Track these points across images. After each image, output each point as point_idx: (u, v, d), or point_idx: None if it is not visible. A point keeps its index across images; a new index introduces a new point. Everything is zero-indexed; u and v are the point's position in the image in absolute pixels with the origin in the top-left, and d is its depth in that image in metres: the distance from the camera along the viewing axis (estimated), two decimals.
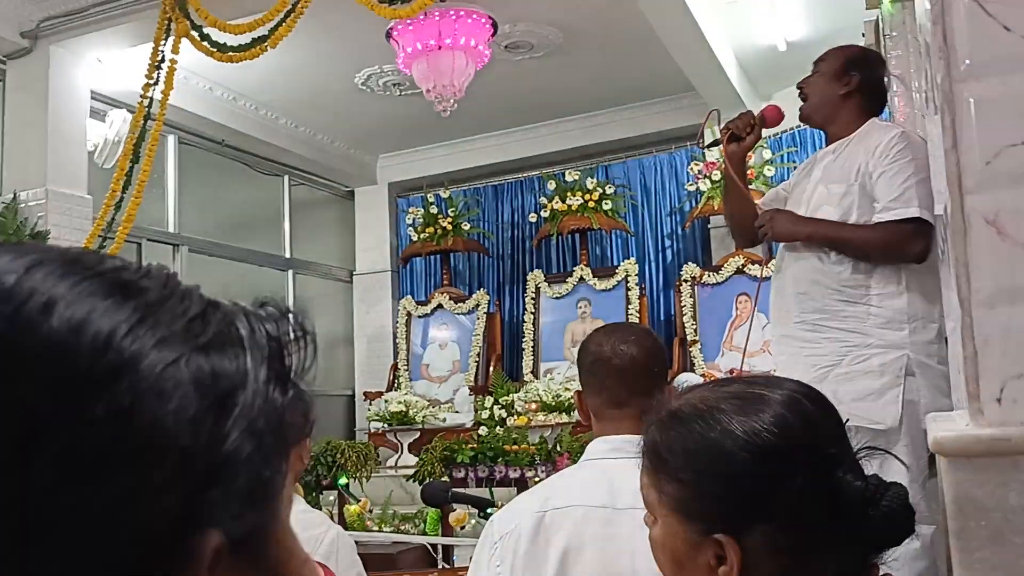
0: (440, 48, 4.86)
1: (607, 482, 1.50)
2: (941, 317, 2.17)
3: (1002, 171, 0.78)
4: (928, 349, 2.18)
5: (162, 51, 4.35)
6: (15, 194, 4.59)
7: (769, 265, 2.54)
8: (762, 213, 2.43)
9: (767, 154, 5.68)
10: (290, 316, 0.44)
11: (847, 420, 0.88)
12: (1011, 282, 0.77)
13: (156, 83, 4.39)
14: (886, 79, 2.61)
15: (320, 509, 4.24)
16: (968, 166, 0.79)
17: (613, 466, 1.52)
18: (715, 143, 2.54)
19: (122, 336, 0.35)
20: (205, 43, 4.28)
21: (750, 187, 5.49)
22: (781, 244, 2.44)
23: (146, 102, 4.41)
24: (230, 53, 4.24)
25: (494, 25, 4.96)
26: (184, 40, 4.30)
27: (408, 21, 4.63)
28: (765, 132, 2.74)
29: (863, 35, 3.78)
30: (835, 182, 2.34)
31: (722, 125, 2.52)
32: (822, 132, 2.55)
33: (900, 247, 2.21)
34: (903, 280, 2.23)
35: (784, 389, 0.87)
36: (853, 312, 2.24)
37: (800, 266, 2.35)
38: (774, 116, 2.53)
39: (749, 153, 2.87)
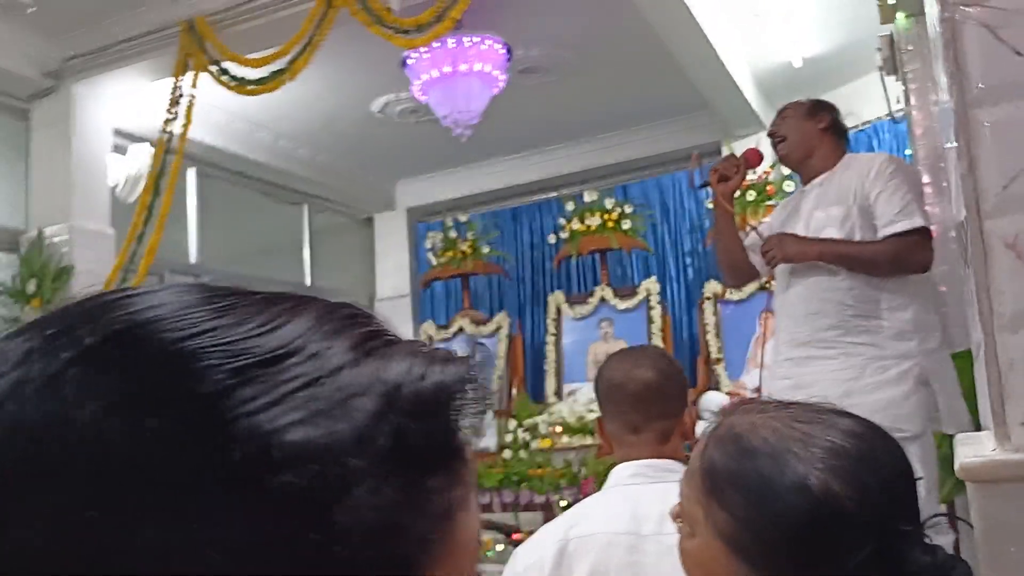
0: (455, 75, 4.90)
1: (630, 508, 1.49)
2: (942, 326, 2.32)
3: (1020, 194, 0.78)
4: (936, 356, 2.30)
5: (181, 86, 4.42)
6: (40, 231, 4.67)
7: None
8: (768, 238, 2.51)
9: (785, 170, 5.65)
10: (476, 384, 0.37)
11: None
12: None
13: (176, 118, 4.46)
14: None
15: None
16: (985, 190, 0.78)
17: (636, 492, 1.52)
18: (705, 184, 2.65)
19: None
20: (224, 77, 4.35)
21: (768, 201, 5.50)
22: (780, 271, 2.50)
23: (166, 136, 4.48)
24: (249, 87, 4.30)
25: (508, 50, 5.00)
26: (203, 74, 4.37)
27: (423, 49, 4.68)
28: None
29: (879, 49, 3.77)
30: (833, 205, 2.45)
31: (707, 168, 2.65)
32: (798, 175, 2.68)
33: (908, 258, 2.33)
34: (909, 293, 2.34)
35: (865, 441, 0.81)
36: (867, 326, 2.33)
37: (808, 285, 2.43)
38: (756, 158, 2.70)
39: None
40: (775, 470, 0.80)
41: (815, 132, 2.55)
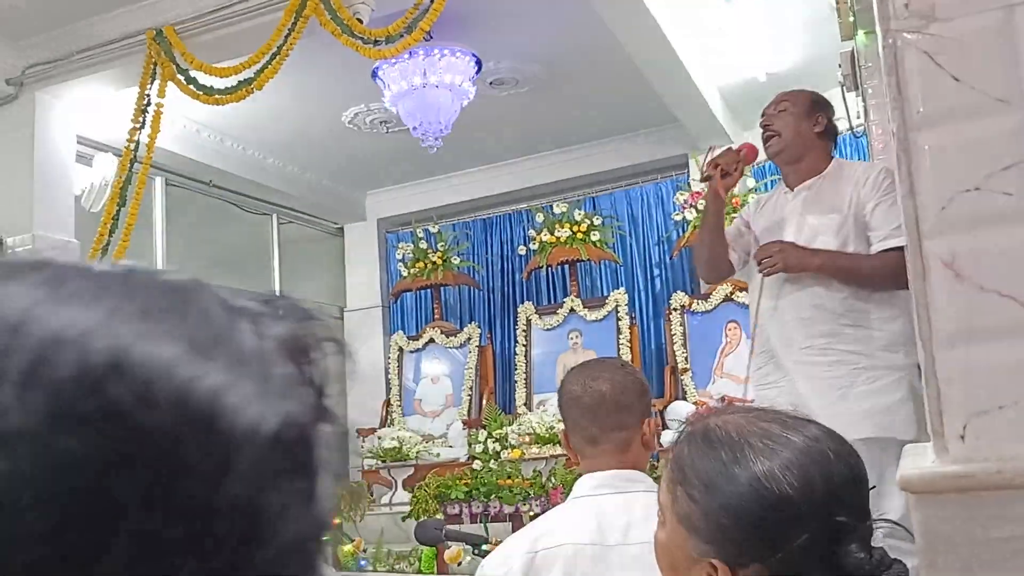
0: (425, 86, 4.92)
1: (595, 519, 1.51)
2: None
3: (957, 216, 0.81)
4: (916, 372, 2.28)
5: (148, 95, 4.38)
6: (2, 240, 4.59)
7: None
8: (767, 245, 2.44)
9: (751, 182, 5.74)
10: (315, 322, 0.37)
11: (866, 437, 0.90)
12: (969, 323, 0.80)
13: (142, 127, 4.42)
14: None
15: None
16: (924, 211, 0.82)
17: (601, 502, 1.53)
18: (708, 178, 2.60)
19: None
20: (191, 86, 4.32)
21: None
22: (769, 279, 2.46)
23: (132, 146, 4.43)
24: (216, 96, 4.28)
25: (478, 62, 5.03)
26: (170, 83, 4.34)
27: (393, 60, 4.69)
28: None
29: (839, 65, 3.85)
30: (829, 212, 2.42)
31: (708, 159, 2.60)
32: (779, 169, 2.65)
33: (904, 274, 2.29)
34: (898, 305, 2.32)
35: (818, 442, 0.87)
36: (858, 335, 2.32)
37: (802, 294, 2.40)
38: (753, 153, 2.65)
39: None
40: (729, 457, 0.87)
41: (810, 135, 2.50)
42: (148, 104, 4.39)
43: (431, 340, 6.90)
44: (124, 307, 0.31)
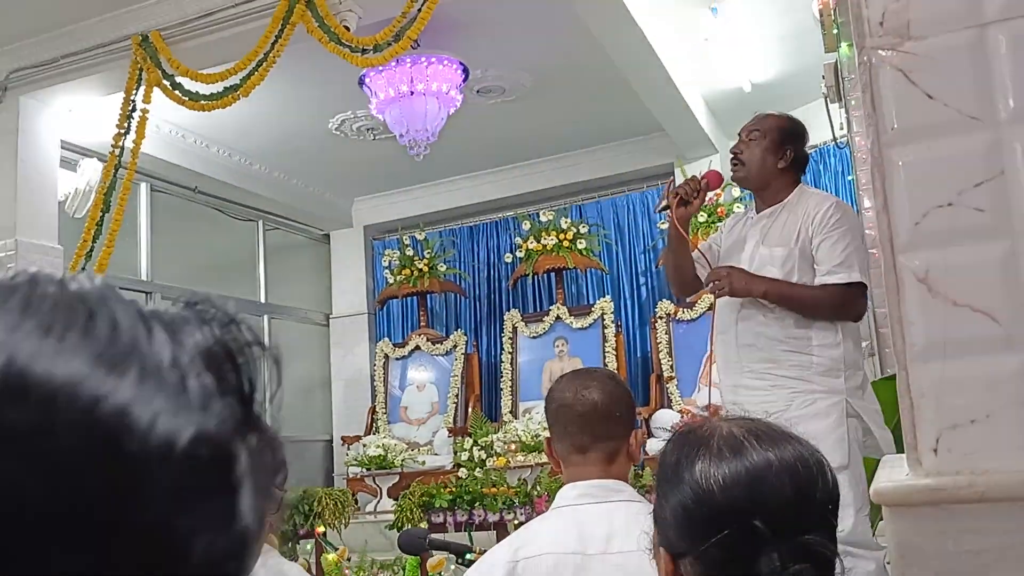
0: (412, 94, 4.92)
1: (577, 528, 1.51)
2: (880, 354, 2.39)
3: (931, 231, 0.82)
4: (858, 393, 2.42)
5: (133, 100, 4.37)
6: None
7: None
8: (716, 269, 2.56)
9: (735, 191, 5.77)
10: (239, 326, 0.35)
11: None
12: (943, 337, 0.81)
13: (127, 132, 4.40)
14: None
15: (297, 559, 4.18)
16: (898, 226, 0.82)
17: (583, 512, 1.53)
18: (666, 207, 2.67)
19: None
20: (177, 92, 4.30)
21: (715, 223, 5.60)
22: (721, 301, 2.55)
23: (117, 151, 4.41)
24: (202, 102, 4.26)
25: (465, 70, 5.04)
26: (156, 89, 4.32)
27: (380, 68, 4.70)
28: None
29: (823, 77, 3.88)
30: (776, 245, 2.54)
31: (671, 190, 2.66)
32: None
33: (846, 307, 2.45)
34: (839, 332, 2.45)
35: (772, 456, 0.88)
36: (797, 361, 2.43)
37: (748, 321, 2.52)
38: (717, 180, 2.76)
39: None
40: (684, 455, 0.91)
41: (773, 169, 2.58)
42: (133, 109, 4.37)
43: (417, 347, 6.89)
44: (23, 323, 0.29)
